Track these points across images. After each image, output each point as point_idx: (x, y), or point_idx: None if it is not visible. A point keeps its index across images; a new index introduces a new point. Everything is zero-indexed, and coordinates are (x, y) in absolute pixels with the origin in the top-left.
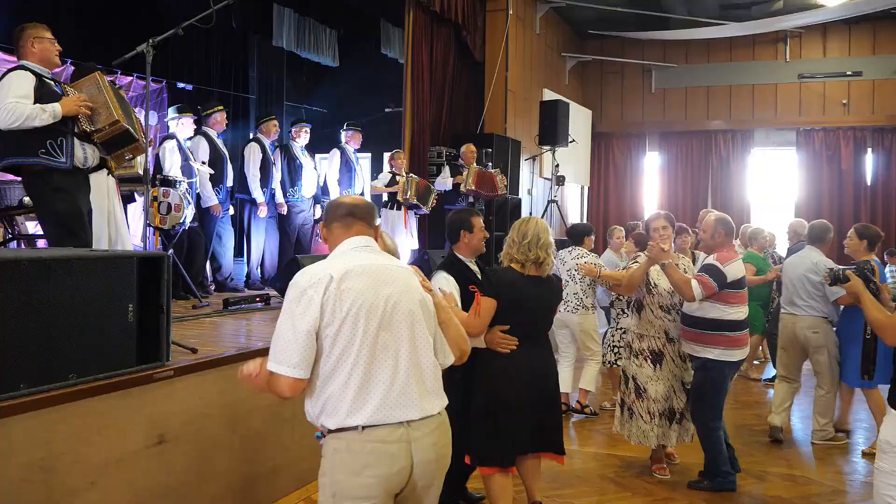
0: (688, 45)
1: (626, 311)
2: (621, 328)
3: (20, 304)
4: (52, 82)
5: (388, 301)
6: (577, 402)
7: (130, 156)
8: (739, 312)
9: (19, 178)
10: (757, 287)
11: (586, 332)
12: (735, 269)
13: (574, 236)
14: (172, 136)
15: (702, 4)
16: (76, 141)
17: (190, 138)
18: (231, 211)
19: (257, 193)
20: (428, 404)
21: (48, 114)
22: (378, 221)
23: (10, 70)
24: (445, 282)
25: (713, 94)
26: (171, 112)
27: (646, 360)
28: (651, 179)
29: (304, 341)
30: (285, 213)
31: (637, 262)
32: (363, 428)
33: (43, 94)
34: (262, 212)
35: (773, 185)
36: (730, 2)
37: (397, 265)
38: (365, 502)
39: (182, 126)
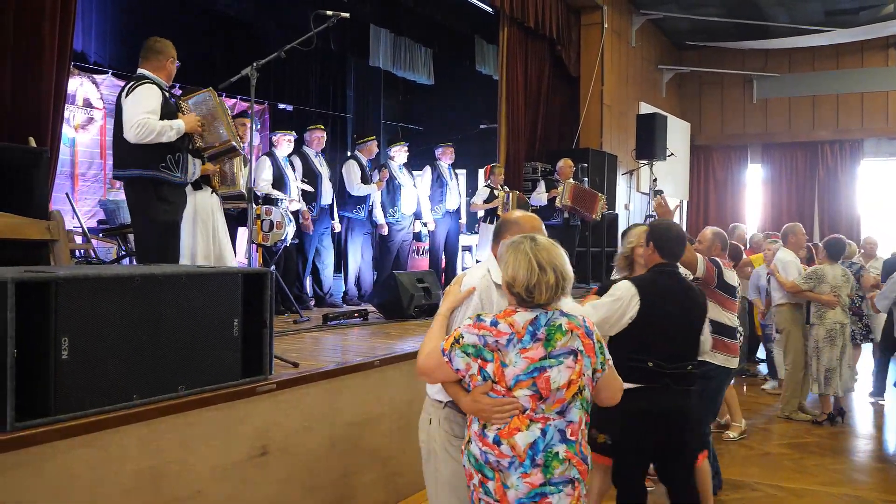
0: (791, 54)
1: None
2: None
3: (133, 318)
4: (170, 96)
5: None
6: None
7: (227, 165)
8: (735, 320)
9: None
10: None
11: None
12: (732, 276)
13: None
14: (268, 154)
15: (805, 11)
16: (189, 157)
17: (289, 156)
18: (337, 227)
19: (379, 215)
20: None
21: (174, 131)
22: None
23: (138, 82)
24: None
25: (819, 104)
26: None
27: None
28: (753, 193)
29: None
30: (386, 233)
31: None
32: None
33: (167, 111)
34: (385, 230)
35: (884, 197)
36: (835, 7)
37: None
38: None
39: (279, 144)
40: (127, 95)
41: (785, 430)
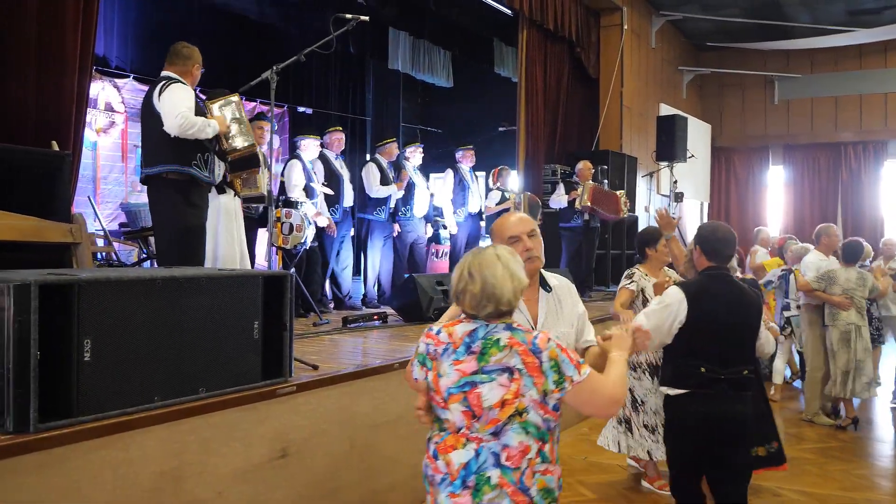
0: (813, 54)
1: None
2: None
3: (155, 321)
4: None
5: None
6: None
7: (246, 176)
8: None
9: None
10: None
11: None
12: None
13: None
14: (297, 158)
15: (827, 11)
16: (216, 158)
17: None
18: (352, 231)
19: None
20: None
21: (211, 128)
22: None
23: (170, 82)
24: None
25: (842, 105)
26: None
27: (644, 373)
28: (775, 194)
29: None
30: (397, 232)
31: (645, 279)
32: None
33: (197, 112)
34: (396, 228)
35: None
36: (858, 7)
37: None
38: None
39: (306, 148)
40: (160, 94)
41: (808, 434)
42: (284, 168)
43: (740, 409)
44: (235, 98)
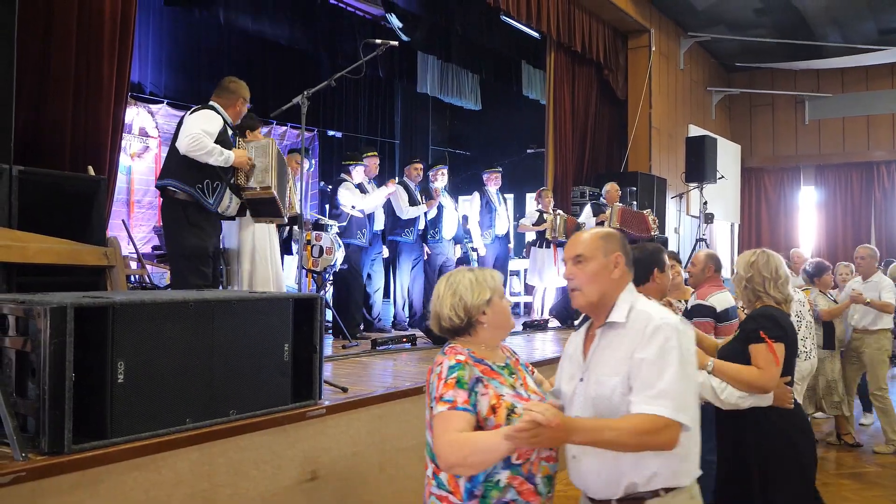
0: (844, 73)
1: None
2: None
3: (187, 343)
4: (231, 131)
5: None
6: None
7: (271, 222)
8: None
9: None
10: None
11: None
12: (719, 300)
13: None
14: (345, 181)
15: (858, 30)
16: (227, 190)
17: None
18: (386, 253)
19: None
20: None
21: (223, 157)
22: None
23: (205, 107)
24: None
25: (874, 123)
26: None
27: None
28: (807, 215)
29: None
30: (426, 256)
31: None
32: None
33: (223, 140)
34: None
35: None
36: (889, 26)
37: None
38: None
39: (356, 174)
40: (192, 114)
41: (844, 459)
42: (337, 189)
43: None
44: (270, 143)
